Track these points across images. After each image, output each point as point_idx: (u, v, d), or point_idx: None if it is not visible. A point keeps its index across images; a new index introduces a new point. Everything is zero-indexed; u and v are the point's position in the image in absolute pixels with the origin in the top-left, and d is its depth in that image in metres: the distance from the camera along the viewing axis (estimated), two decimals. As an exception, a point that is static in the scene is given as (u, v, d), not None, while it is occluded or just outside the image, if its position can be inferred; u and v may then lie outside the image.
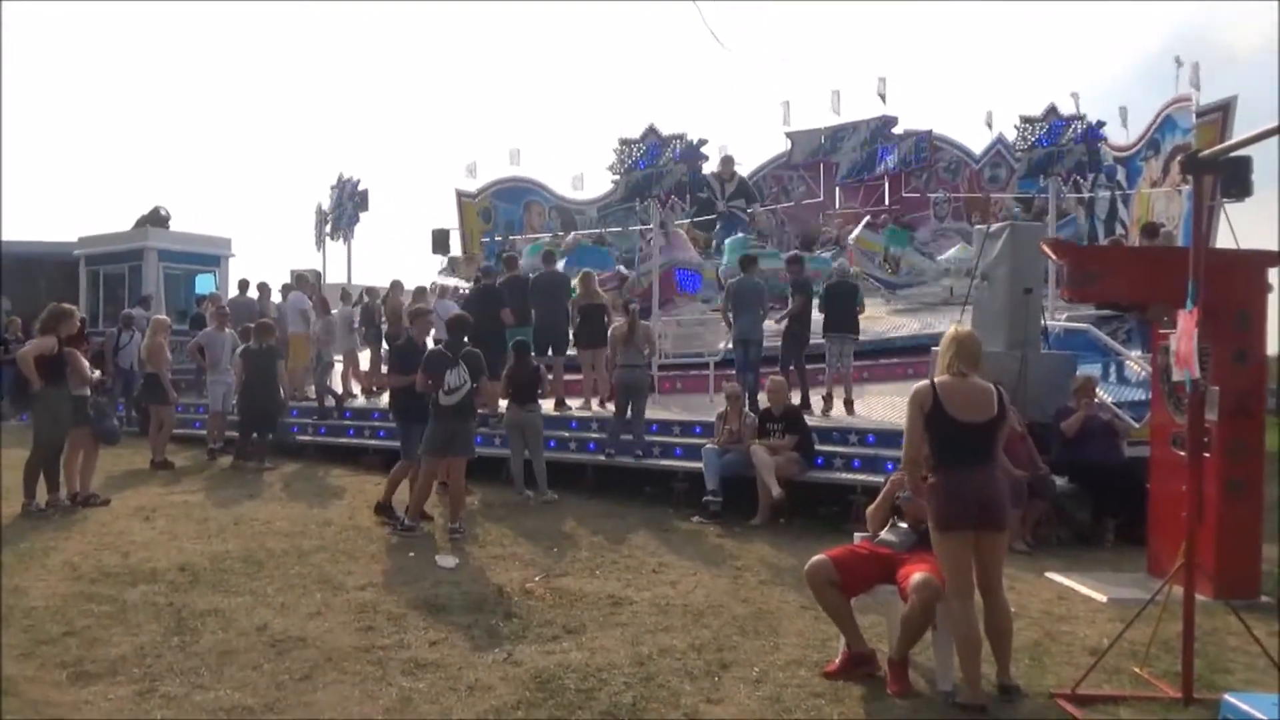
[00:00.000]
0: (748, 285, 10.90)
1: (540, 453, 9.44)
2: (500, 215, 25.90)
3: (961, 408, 4.37)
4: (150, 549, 7.27)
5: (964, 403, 4.38)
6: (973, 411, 4.37)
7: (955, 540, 4.38)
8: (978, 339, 4.63)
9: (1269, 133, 4.33)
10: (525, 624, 5.55)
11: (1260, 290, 6.40)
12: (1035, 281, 9.38)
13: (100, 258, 18.94)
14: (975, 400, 4.39)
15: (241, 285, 15.25)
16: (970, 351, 4.48)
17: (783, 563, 7.02)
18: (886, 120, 24.43)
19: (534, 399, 9.43)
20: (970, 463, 4.37)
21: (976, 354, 4.50)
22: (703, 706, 4.34)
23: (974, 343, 4.55)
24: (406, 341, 8.72)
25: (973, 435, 4.37)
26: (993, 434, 4.41)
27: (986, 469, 4.38)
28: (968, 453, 4.39)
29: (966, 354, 4.47)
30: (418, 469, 8.22)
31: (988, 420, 4.37)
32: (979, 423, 4.37)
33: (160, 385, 11.57)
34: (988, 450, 4.41)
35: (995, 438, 4.43)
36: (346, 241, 17.89)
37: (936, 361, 4.71)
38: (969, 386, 4.41)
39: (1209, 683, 4.65)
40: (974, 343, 4.55)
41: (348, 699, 4.41)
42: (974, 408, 4.38)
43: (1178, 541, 4.80)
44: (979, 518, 4.33)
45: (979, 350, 4.54)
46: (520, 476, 9.39)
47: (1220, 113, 16.77)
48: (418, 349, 8.38)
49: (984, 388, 4.42)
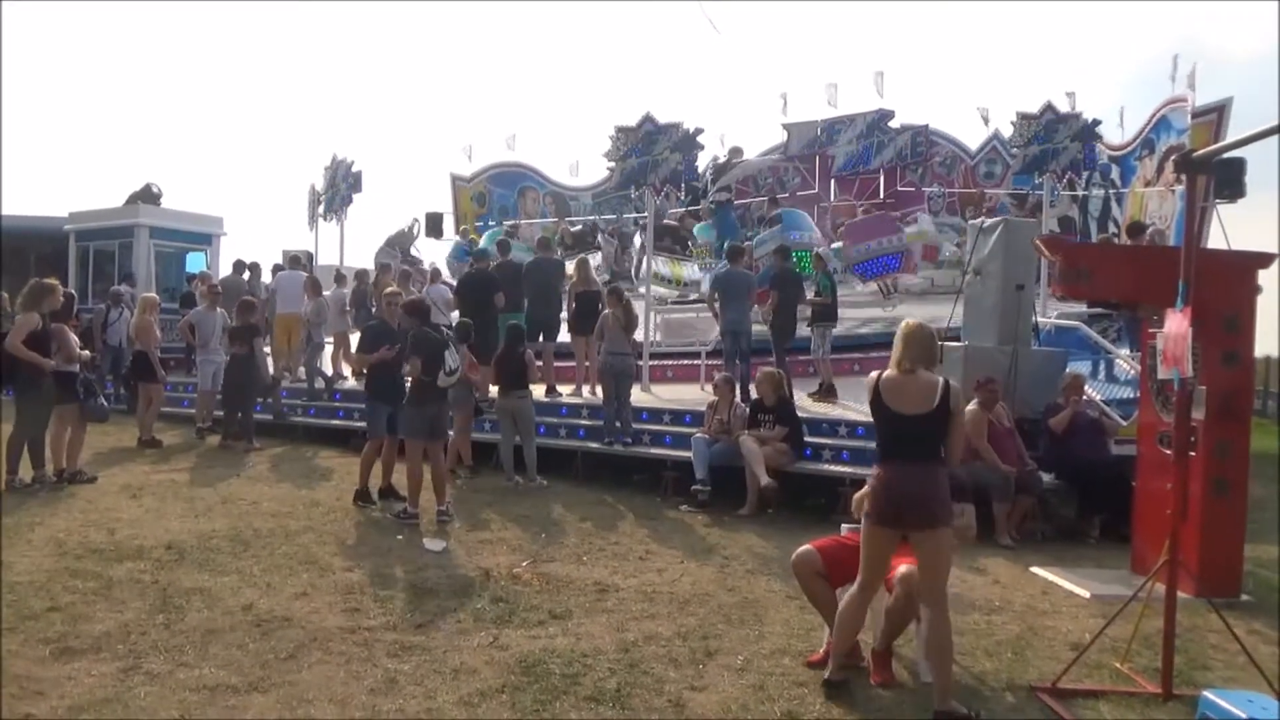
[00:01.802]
0: (735, 276, 10.93)
1: (531, 439, 9.44)
2: (495, 200, 25.79)
3: (900, 400, 4.28)
4: (137, 526, 7.25)
5: (902, 396, 4.27)
6: (911, 404, 4.25)
7: (877, 533, 4.31)
8: (929, 332, 4.39)
9: (1263, 134, 4.34)
10: (512, 608, 5.56)
11: (1249, 292, 6.44)
12: (1027, 278, 9.41)
13: (91, 234, 18.79)
14: (915, 393, 4.25)
15: (236, 266, 15.20)
16: (916, 345, 4.33)
17: (769, 552, 7.05)
18: (883, 114, 24.36)
19: (523, 385, 9.43)
20: (904, 457, 4.27)
21: (925, 348, 4.34)
22: (687, 693, 4.36)
23: (921, 336, 4.36)
24: (379, 323, 8.71)
25: (908, 428, 4.25)
26: (929, 428, 4.23)
27: (920, 464, 4.23)
28: (903, 446, 4.29)
29: (913, 348, 4.32)
30: (386, 449, 8.29)
31: (923, 413, 4.21)
32: (913, 415, 4.23)
33: (149, 363, 11.54)
34: (924, 445, 4.25)
35: (932, 432, 4.24)
36: (339, 223, 17.80)
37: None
38: (910, 380, 4.29)
39: (1189, 679, 4.69)
40: (921, 336, 4.36)
41: (332, 679, 4.42)
42: (912, 400, 4.25)
43: (1162, 539, 4.83)
44: (906, 514, 4.20)
45: (928, 344, 4.36)
46: (510, 462, 9.39)
47: (1215, 114, 16.80)
48: (390, 330, 8.36)
49: (928, 381, 4.26)
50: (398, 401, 8.19)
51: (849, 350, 12.60)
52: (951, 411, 4.24)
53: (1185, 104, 17.06)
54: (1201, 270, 4.94)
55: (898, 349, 4.38)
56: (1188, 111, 16.85)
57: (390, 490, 8.36)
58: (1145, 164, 18.79)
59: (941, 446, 4.29)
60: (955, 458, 4.44)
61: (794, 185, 26.59)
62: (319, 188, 18.40)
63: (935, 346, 4.40)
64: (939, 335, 4.57)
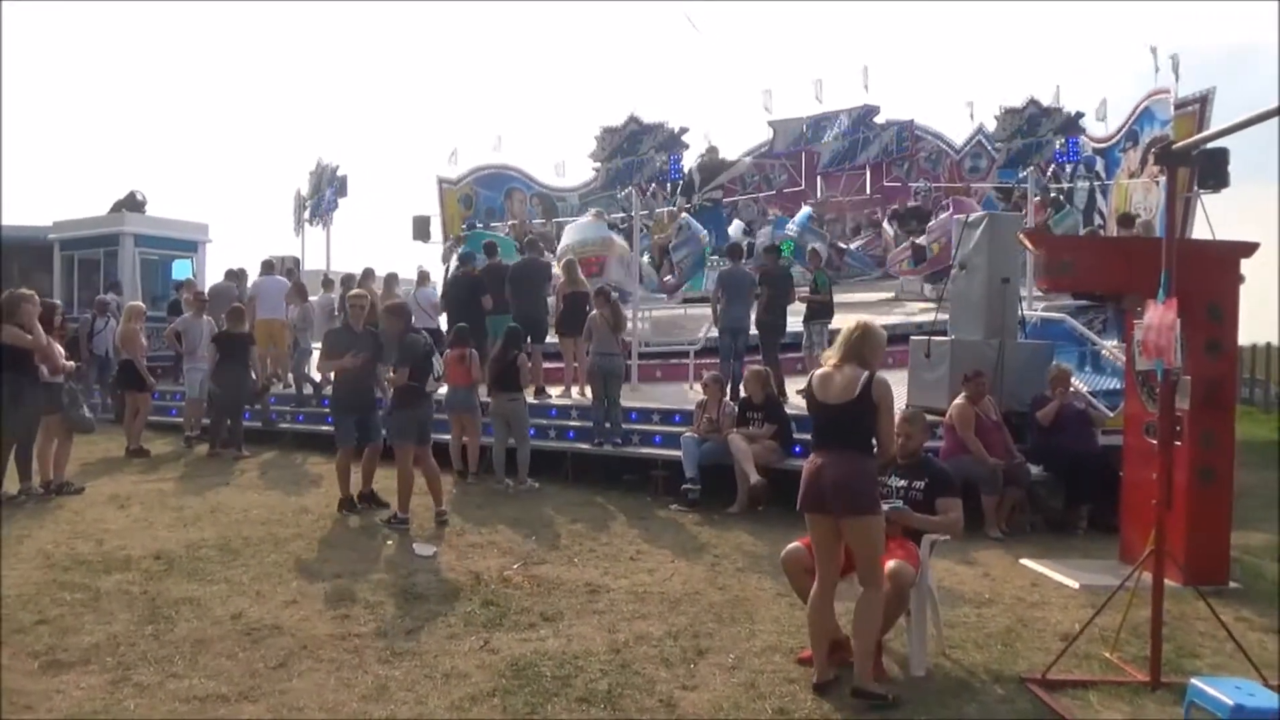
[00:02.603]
0: (737, 275, 10.95)
1: (525, 441, 9.42)
2: (481, 202, 25.77)
3: (825, 391, 4.42)
4: (125, 537, 7.21)
5: (828, 387, 4.41)
6: (834, 394, 4.37)
7: (809, 521, 4.46)
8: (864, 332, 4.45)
9: (1244, 124, 4.37)
10: (502, 612, 5.55)
11: (1232, 282, 6.47)
12: (1013, 271, 9.44)
13: (75, 242, 18.67)
14: (839, 385, 4.37)
15: (229, 275, 15.13)
16: (845, 343, 4.44)
17: (759, 550, 7.05)
18: (869, 109, 24.44)
19: (516, 388, 9.40)
20: (828, 445, 4.41)
21: (854, 345, 4.41)
22: (678, 693, 4.37)
23: (851, 334, 4.45)
24: (341, 328, 8.66)
25: (831, 416, 4.40)
26: (851, 418, 4.33)
27: (841, 452, 4.33)
28: (826, 435, 4.46)
29: (843, 345, 4.45)
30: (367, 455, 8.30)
31: (844, 402, 4.32)
32: (835, 404, 4.36)
33: (135, 372, 11.48)
34: (846, 434, 4.35)
35: (854, 421, 4.34)
36: (325, 228, 17.78)
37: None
38: (837, 373, 4.41)
39: (1177, 667, 4.72)
40: (851, 334, 4.45)
41: (323, 687, 4.41)
42: (836, 391, 4.37)
43: (1149, 529, 4.86)
44: (829, 500, 4.30)
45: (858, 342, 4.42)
46: (502, 465, 9.37)
47: (1198, 105, 16.90)
48: (354, 335, 8.31)
49: (853, 374, 4.35)
50: (364, 409, 8.16)
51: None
52: (874, 402, 4.31)
53: (1168, 95, 17.16)
54: (1185, 260, 4.97)
55: (834, 345, 4.54)
56: (1170, 103, 16.95)
57: (372, 496, 8.33)
58: (1129, 156, 18.88)
59: (867, 438, 4.39)
60: (885, 448, 4.52)
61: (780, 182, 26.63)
62: (304, 193, 18.36)
63: (867, 345, 4.43)
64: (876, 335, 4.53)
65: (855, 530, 4.31)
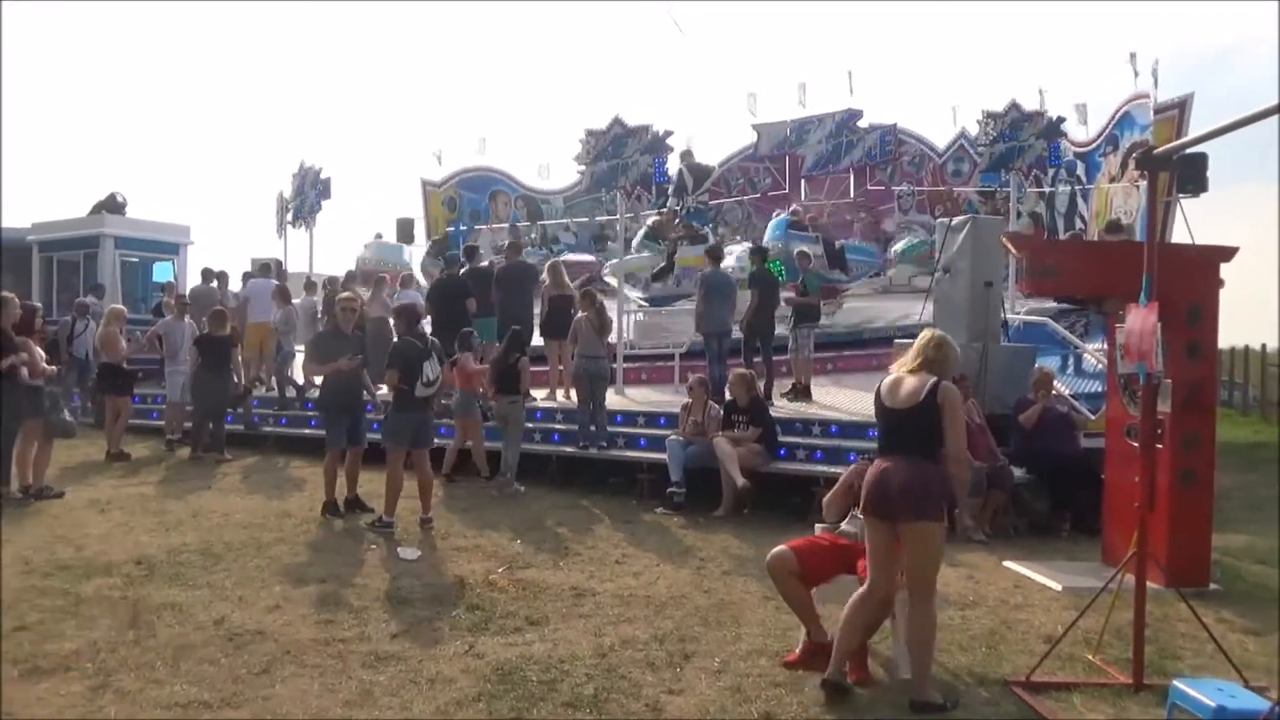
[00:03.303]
0: (720, 278, 10.96)
1: (515, 445, 9.38)
2: (465, 205, 25.71)
3: (892, 396, 4.46)
4: (105, 542, 7.15)
5: (895, 393, 4.45)
6: (900, 400, 4.40)
7: (869, 525, 4.44)
8: (936, 342, 4.51)
9: (1223, 130, 4.42)
10: (488, 616, 5.53)
11: (1212, 285, 6.53)
12: (996, 275, 9.50)
13: (54, 244, 18.48)
14: (906, 390, 4.40)
15: (205, 275, 15.02)
16: (916, 350, 4.50)
17: (745, 553, 7.06)
18: (852, 113, 24.50)
19: (515, 390, 9.36)
20: (893, 450, 4.42)
21: (923, 353, 4.46)
22: (664, 697, 4.36)
23: (923, 343, 4.51)
24: (329, 331, 8.63)
25: (896, 421, 4.42)
26: (916, 423, 4.33)
27: (907, 458, 4.32)
28: (892, 440, 4.47)
29: (913, 352, 4.50)
30: (350, 459, 8.24)
31: (909, 408, 4.35)
32: (900, 409, 4.39)
33: (116, 375, 11.38)
34: (911, 439, 4.35)
35: (919, 427, 4.33)
36: (309, 230, 17.66)
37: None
38: (907, 379, 4.44)
39: (1159, 669, 4.75)
40: (923, 343, 4.51)
41: (307, 692, 4.38)
42: (902, 396, 4.40)
43: (1131, 531, 4.89)
44: (892, 505, 4.27)
45: (930, 351, 4.47)
46: (502, 465, 9.33)
47: (1177, 110, 17.06)
48: (343, 338, 8.28)
49: (920, 379, 4.38)
50: (355, 411, 8.11)
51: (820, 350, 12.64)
52: (940, 405, 4.29)
53: (1147, 100, 17.31)
54: (1165, 264, 5.01)
55: (908, 354, 4.57)
56: (1150, 108, 17.10)
57: (357, 501, 8.28)
58: (1110, 160, 19.04)
59: (935, 445, 4.33)
60: (954, 454, 4.38)
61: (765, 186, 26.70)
62: (287, 195, 18.24)
63: (940, 355, 4.46)
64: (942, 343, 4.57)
65: (914, 536, 4.25)
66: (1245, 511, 8.75)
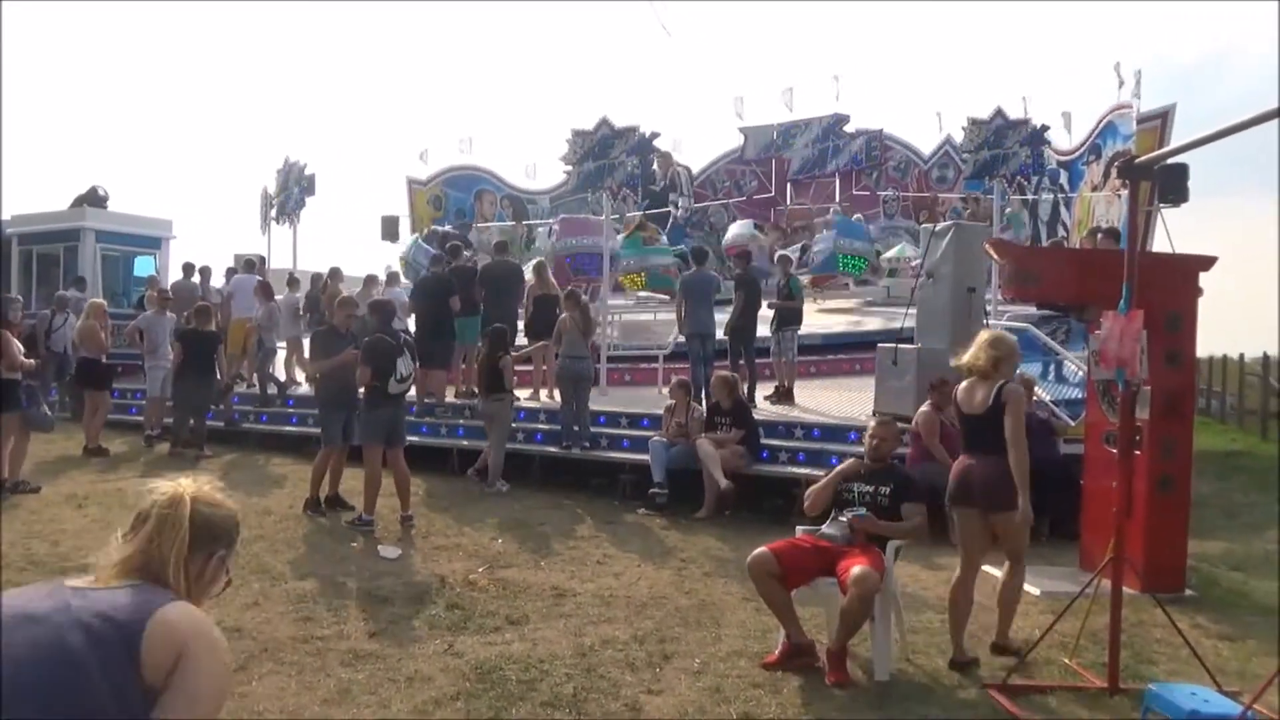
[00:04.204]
0: (701, 279, 10.97)
1: (501, 445, 9.36)
2: (451, 203, 25.62)
3: (968, 403, 5.02)
4: (81, 537, 7.08)
5: (969, 399, 5.01)
6: (974, 406, 4.97)
7: (957, 514, 5.08)
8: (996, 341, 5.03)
9: (1205, 140, 4.47)
10: (467, 615, 5.52)
11: (1191, 294, 6.59)
12: (978, 281, 9.55)
13: (34, 237, 18.29)
14: (978, 397, 4.96)
15: (186, 269, 14.91)
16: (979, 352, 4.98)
17: (726, 555, 7.07)
18: (839, 118, 24.62)
19: (501, 388, 9.33)
20: (970, 449, 5.04)
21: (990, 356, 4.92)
22: (643, 697, 4.36)
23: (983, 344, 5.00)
24: (328, 328, 8.61)
25: (970, 425, 5.04)
26: (987, 425, 4.85)
27: (983, 455, 4.89)
28: (969, 440, 5.08)
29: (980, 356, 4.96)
30: (335, 457, 8.19)
31: (981, 414, 4.90)
32: (973, 415, 4.97)
33: (94, 370, 11.27)
34: (985, 439, 4.88)
35: (991, 428, 4.83)
36: (293, 226, 17.57)
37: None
38: (976, 387, 4.99)
39: (1135, 673, 4.79)
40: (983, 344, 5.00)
41: (284, 690, 4.35)
42: (975, 402, 4.96)
43: (1108, 536, 4.93)
44: (973, 496, 4.91)
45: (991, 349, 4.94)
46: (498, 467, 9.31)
47: (1159, 120, 17.21)
48: (340, 335, 8.25)
49: (989, 386, 4.90)
50: (352, 408, 8.09)
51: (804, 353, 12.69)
52: (1003, 403, 4.82)
53: (1130, 110, 17.45)
54: (1145, 273, 5.05)
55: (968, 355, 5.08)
56: (1133, 118, 17.23)
57: (337, 499, 8.24)
58: (1092, 169, 19.17)
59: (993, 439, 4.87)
60: (1014, 448, 4.78)
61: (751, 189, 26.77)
62: (271, 190, 18.14)
63: (1000, 353, 4.94)
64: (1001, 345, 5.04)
65: (1000, 523, 4.89)
66: (1221, 518, 8.83)
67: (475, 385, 10.45)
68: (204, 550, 1.92)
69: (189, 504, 1.92)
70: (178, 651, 1.68)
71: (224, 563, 1.99)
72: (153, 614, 1.70)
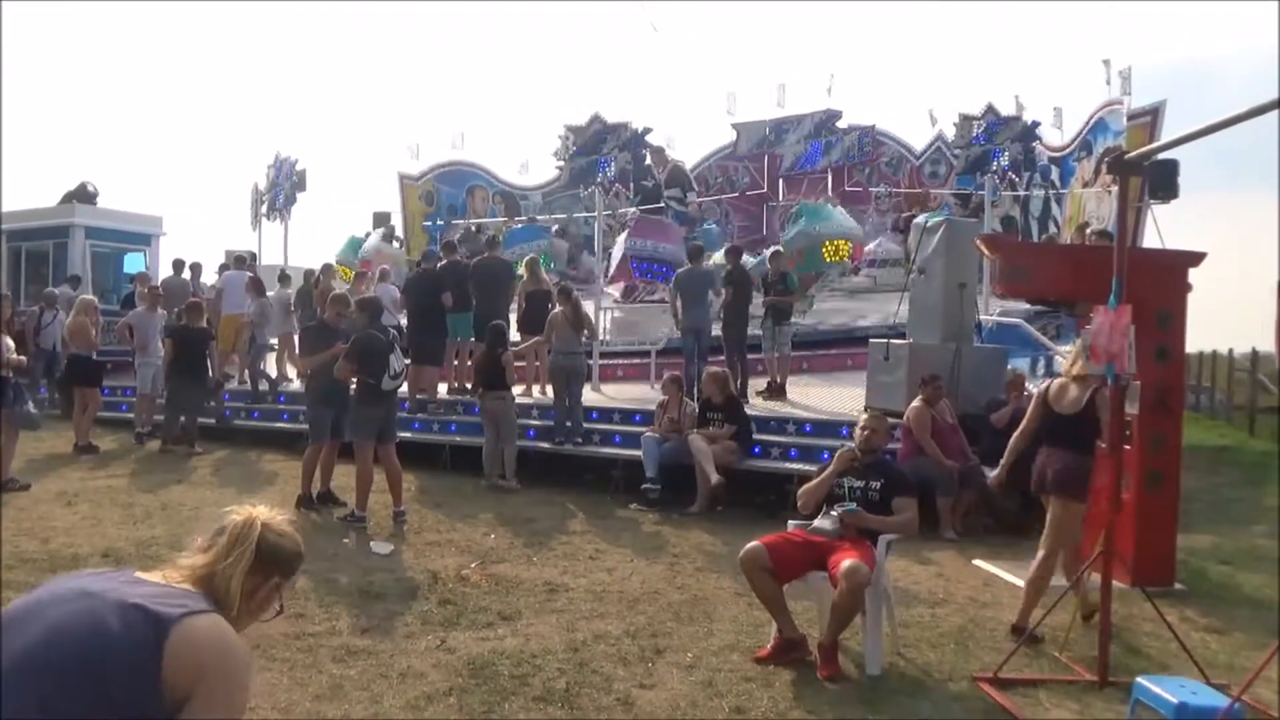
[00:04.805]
0: (696, 275, 10.98)
1: (512, 440, 9.33)
2: (443, 199, 25.58)
3: (1059, 401, 5.47)
4: (72, 534, 7.06)
5: (1061, 398, 5.47)
6: (1065, 405, 5.44)
7: (1047, 503, 5.49)
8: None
9: (1194, 135, 4.48)
10: (460, 610, 5.52)
11: (1181, 290, 6.62)
12: (970, 276, 9.58)
13: (23, 234, 18.20)
14: (1070, 397, 5.42)
15: (176, 265, 14.85)
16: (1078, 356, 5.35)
17: (718, 550, 7.08)
18: (831, 114, 24.64)
19: (501, 385, 9.31)
20: (1052, 442, 5.45)
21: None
22: (636, 691, 4.37)
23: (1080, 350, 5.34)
24: (319, 324, 8.59)
25: (1059, 422, 5.43)
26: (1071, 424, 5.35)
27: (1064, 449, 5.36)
28: (1052, 436, 5.47)
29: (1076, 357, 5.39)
30: (325, 453, 8.17)
31: (1073, 414, 5.37)
32: (1065, 414, 5.40)
33: (84, 367, 11.23)
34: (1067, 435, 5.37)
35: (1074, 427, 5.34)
36: (283, 222, 17.54)
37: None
38: (1070, 387, 5.45)
39: (1124, 666, 4.82)
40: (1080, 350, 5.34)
41: (276, 686, 4.34)
42: (1067, 402, 5.43)
43: (1098, 530, 4.96)
44: (1045, 483, 5.41)
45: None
46: (490, 464, 9.29)
47: (1150, 116, 17.27)
48: (332, 332, 8.23)
49: (1081, 389, 5.36)
50: (342, 404, 8.07)
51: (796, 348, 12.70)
52: (1098, 407, 5.27)
53: (1121, 106, 17.51)
54: (1135, 268, 5.07)
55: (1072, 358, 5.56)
56: (1124, 114, 17.30)
57: (329, 495, 8.23)
58: (1083, 165, 19.24)
59: (1089, 440, 5.37)
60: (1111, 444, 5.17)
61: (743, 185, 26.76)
62: (262, 187, 18.10)
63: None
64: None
65: (1055, 506, 5.35)
66: (1210, 513, 8.88)
67: (468, 381, 10.44)
68: (263, 575, 2.03)
69: (259, 528, 2.04)
70: (197, 662, 1.78)
71: (278, 590, 2.10)
72: (185, 617, 1.81)
